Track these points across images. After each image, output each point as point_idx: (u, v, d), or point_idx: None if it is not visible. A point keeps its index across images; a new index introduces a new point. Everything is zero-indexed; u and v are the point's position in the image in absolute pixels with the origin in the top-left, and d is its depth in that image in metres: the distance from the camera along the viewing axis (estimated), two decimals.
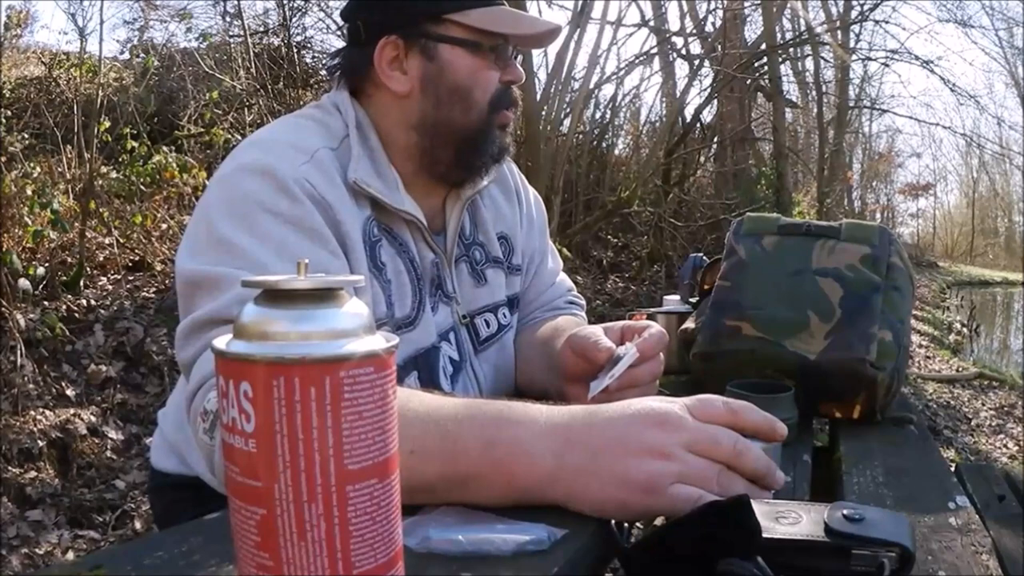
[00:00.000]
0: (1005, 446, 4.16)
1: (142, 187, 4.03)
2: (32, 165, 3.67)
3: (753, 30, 9.77)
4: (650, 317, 1.40)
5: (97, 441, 2.82)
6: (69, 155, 4.00)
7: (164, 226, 4.18)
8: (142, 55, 5.33)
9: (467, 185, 1.04)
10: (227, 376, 0.39)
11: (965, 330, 8.84)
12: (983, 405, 5.05)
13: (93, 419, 2.87)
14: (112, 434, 2.88)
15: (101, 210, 3.85)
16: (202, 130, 4.63)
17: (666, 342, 0.92)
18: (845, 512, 0.56)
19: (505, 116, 1.00)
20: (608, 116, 7.98)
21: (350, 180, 0.90)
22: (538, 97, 5.64)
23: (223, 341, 0.40)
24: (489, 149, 0.99)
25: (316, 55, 6.66)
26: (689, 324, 1.24)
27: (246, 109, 5.15)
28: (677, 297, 1.54)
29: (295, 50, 5.88)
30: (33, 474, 2.55)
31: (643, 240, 7.47)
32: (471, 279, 1.06)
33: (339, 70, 1.01)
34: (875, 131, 22.85)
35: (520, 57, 1.04)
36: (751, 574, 0.51)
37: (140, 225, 3.97)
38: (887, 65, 12.71)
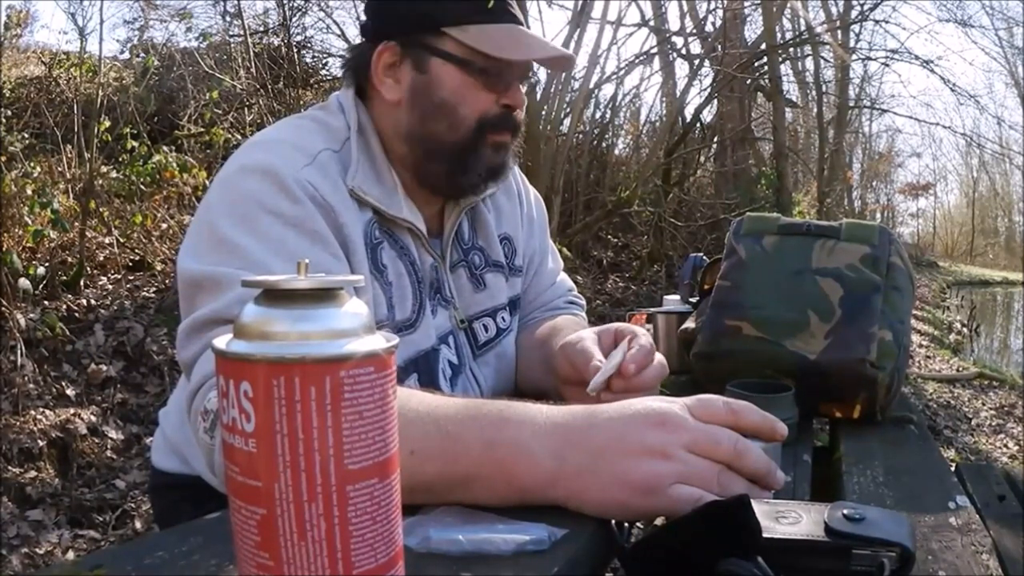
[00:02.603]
0: (1005, 446, 4.16)
1: (142, 187, 4.02)
2: (32, 165, 3.66)
3: (753, 30, 9.77)
4: (650, 317, 1.40)
5: (97, 441, 2.82)
6: (69, 155, 4.00)
7: (164, 226, 4.18)
8: (142, 55, 5.32)
9: (463, 198, 1.04)
10: (227, 376, 0.39)
11: (965, 330, 8.84)
12: (983, 405, 5.05)
13: (93, 419, 2.88)
14: (112, 434, 2.88)
15: (101, 210, 3.85)
16: (202, 130, 4.63)
17: (654, 353, 0.91)
18: (845, 512, 0.56)
19: (501, 137, 0.96)
20: (608, 116, 7.98)
21: (348, 187, 0.89)
22: (538, 97, 5.64)
23: (223, 341, 0.40)
24: (479, 168, 0.96)
25: (316, 55, 6.68)
26: (689, 324, 1.24)
27: (246, 109, 5.15)
28: (677, 297, 1.54)
29: (295, 50, 5.88)
30: (33, 474, 2.55)
31: (643, 240, 7.47)
32: (470, 284, 1.06)
33: (347, 67, 1.01)
34: (875, 131, 22.85)
35: (529, 80, 1.02)
36: (751, 574, 0.51)
37: (140, 225, 3.97)
38: (887, 65, 12.70)
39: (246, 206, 0.82)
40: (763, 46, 8.43)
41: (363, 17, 1.02)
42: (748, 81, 8.60)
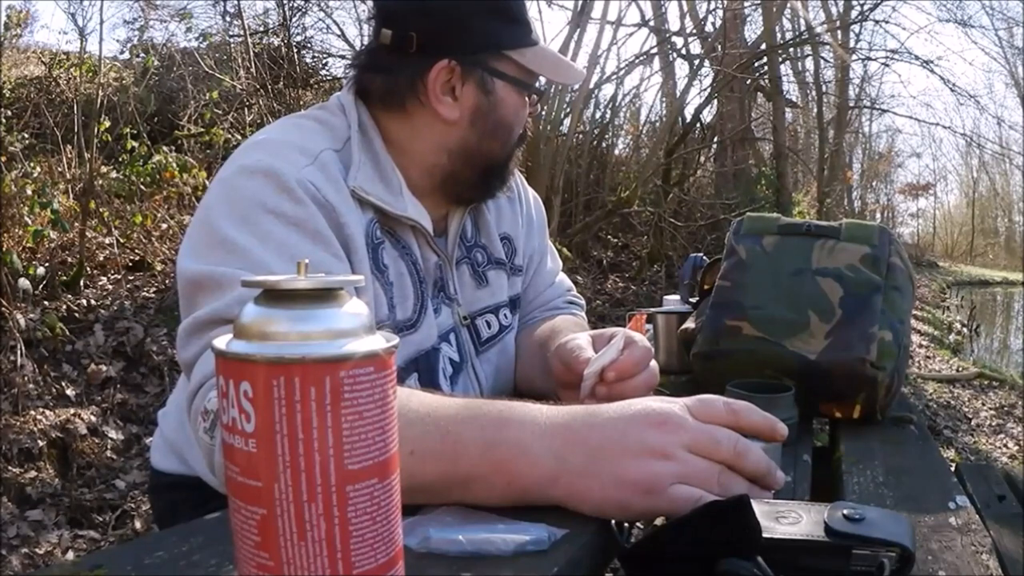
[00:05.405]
0: (1005, 446, 4.16)
1: (142, 187, 4.03)
2: (32, 165, 3.66)
3: (753, 30, 9.78)
4: (650, 317, 1.40)
5: (97, 441, 2.82)
6: (69, 155, 4.00)
7: (164, 226, 4.18)
8: (142, 55, 5.32)
9: (479, 202, 1.07)
10: (227, 376, 0.39)
11: (965, 330, 8.84)
12: (983, 405, 5.05)
13: (93, 419, 2.88)
14: (112, 434, 2.88)
15: (101, 210, 3.85)
16: (202, 130, 4.63)
17: (651, 356, 0.91)
18: (845, 512, 0.56)
19: (520, 148, 1.04)
20: (608, 116, 7.98)
21: (350, 187, 0.89)
22: None
23: (223, 341, 0.40)
24: (507, 177, 1.05)
25: (316, 55, 6.68)
26: (689, 324, 1.24)
27: (246, 109, 5.15)
28: (677, 297, 1.54)
29: (295, 50, 5.88)
30: (33, 474, 2.55)
31: (643, 240, 7.47)
32: (472, 281, 1.07)
33: (365, 71, 0.96)
34: (875, 131, 22.87)
35: None
36: (751, 574, 0.51)
37: (140, 225, 3.97)
38: (887, 65, 12.71)
39: (247, 206, 0.82)
40: (763, 46, 8.43)
41: (372, 23, 0.97)
42: (748, 81, 8.60)
